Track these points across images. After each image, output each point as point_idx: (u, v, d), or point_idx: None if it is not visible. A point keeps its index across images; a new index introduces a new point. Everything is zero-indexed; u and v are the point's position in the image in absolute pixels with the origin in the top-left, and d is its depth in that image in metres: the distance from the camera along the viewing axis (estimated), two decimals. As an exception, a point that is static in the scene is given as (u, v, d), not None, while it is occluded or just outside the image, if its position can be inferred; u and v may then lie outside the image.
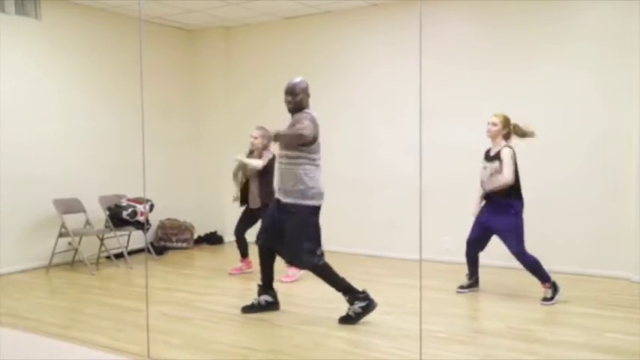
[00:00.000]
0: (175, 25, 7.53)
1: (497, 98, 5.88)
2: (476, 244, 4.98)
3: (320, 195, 4.21)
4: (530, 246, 4.70)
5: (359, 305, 4.14)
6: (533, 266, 4.67)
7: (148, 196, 6.26)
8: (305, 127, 4.06)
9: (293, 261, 4.39)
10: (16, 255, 5.94)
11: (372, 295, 4.17)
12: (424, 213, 3.44)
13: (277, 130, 4.07)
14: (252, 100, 7.46)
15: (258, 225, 4.86)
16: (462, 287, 5.02)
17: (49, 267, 6.06)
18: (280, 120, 5.35)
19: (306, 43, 7.02)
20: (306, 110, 4.25)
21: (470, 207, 5.00)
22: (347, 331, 4.04)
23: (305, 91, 4.25)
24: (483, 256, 5.86)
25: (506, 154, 4.67)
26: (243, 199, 5.72)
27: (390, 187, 6.43)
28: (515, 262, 4.77)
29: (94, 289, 5.35)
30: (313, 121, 4.17)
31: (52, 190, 6.15)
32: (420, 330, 3.28)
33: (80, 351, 3.69)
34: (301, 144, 4.12)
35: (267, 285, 4.48)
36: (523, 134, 4.78)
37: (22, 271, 5.94)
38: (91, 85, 6.68)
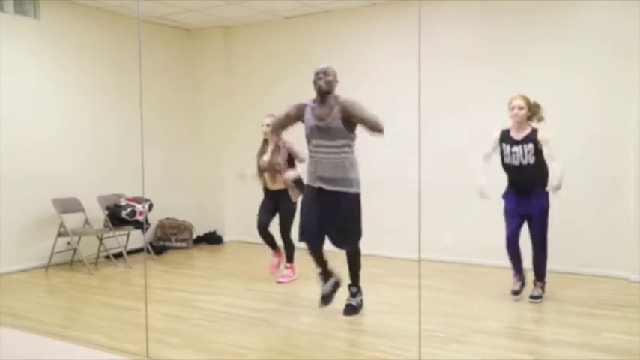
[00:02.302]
0: (174, 25, 7.53)
1: (496, 98, 5.88)
2: (517, 237, 4.66)
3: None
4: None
5: (360, 298, 4.40)
6: (545, 256, 4.60)
7: (147, 196, 6.26)
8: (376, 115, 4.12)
9: (346, 244, 4.34)
10: (15, 254, 5.94)
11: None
12: (423, 212, 3.43)
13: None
14: (252, 99, 7.46)
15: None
16: (515, 292, 4.68)
17: (48, 266, 6.06)
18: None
19: (306, 42, 7.02)
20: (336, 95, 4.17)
21: (467, 205, 4.98)
22: (345, 330, 4.04)
23: (335, 76, 4.19)
24: (480, 256, 5.87)
25: (548, 136, 4.44)
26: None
27: (388, 187, 6.42)
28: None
29: (93, 289, 5.35)
30: None
31: (51, 189, 6.15)
32: (419, 329, 3.28)
33: (79, 350, 3.69)
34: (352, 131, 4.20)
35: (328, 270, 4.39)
36: (540, 119, 4.57)
37: (21, 271, 5.94)
38: (90, 84, 6.67)
